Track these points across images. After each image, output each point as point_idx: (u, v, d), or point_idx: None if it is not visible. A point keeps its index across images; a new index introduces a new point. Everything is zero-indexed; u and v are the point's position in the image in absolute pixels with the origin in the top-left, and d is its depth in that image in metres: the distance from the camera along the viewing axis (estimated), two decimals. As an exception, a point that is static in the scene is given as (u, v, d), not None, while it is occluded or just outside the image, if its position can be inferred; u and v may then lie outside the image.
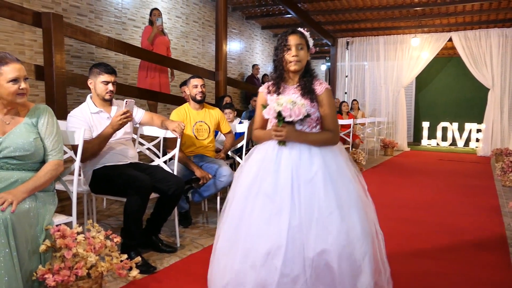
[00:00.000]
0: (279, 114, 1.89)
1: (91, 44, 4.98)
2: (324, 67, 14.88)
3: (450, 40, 9.74)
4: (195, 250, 3.04)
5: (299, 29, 2.11)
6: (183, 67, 6.17)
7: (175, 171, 3.13)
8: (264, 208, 1.86)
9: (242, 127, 4.11)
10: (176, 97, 5.97)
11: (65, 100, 3.95)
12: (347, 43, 11.16)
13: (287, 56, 2.02)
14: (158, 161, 3.19)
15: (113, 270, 2.03)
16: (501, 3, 7.99)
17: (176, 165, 3.15)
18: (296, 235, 1.78)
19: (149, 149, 3.47)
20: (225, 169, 3.54)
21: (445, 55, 11.49)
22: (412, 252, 3.09)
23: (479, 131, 10.97)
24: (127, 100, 2.79)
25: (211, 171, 3.55)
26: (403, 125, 10.64)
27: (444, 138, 11.88)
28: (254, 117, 2.29)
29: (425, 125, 12.04)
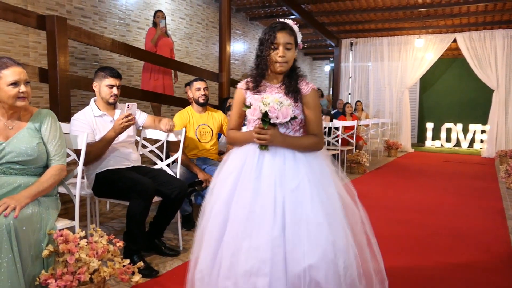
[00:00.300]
0: (265, 114, 1.73)
1: (95, 46, 4.99)
2: (328, 68, 14.86)
3: (454, 41, 9.71)
4: (198, 253, 3.04)
5: (289, 22, 1.92)
6: (187, 69, 6.18)
7: (178, 174, 3.13)
8: (245, 221, 1.70)
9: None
10: (179, 98, 5.97)
11: (69, 102, 3.96)
12: (351, 44, 11.14)
13: (273, 55, 1.84)
14: (161, 164, 3.19)
15: (115, 275, 2.03)
16: (506, 4, 7.94)
17: (179, 168, 3.15)
18: (280, 249, 1.65)
19: (152, 151, 3.49)
20: (228, 172, 3.54)
21: (449, 56, 11.45)
22: (415, 256, 3.08)
23: (483, 132, 10.93)
24: (129, 103, 2.80)
25: (214, 174, 3.54)
26: (407, 126, 10.61)
27: (448, 139, 11.84)
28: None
29: (429, 126, 12.00)
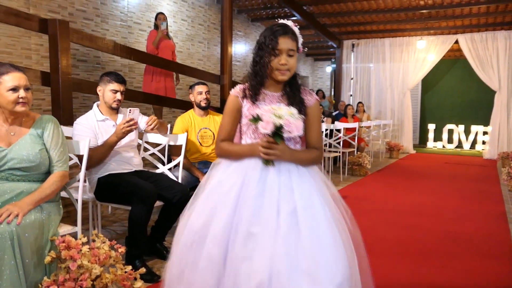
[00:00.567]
0: (279, 128, 1.59)
1: (97, 49, 5.00)
2: (329, 69, 14.85)
3: (456, 42, 9.69)
4: (200, 257, 3.04)
5: (290, 24, 1.76)
6: (188, 72, 6.19)
7: (180, 178, 3.14)
8: (245, 244, 1.54)
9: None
10: (182, 101, 5.98)
11: (71, 105, 3.97)
12: (353, 45, 11.13)
13: (274, 62, 1.70)
14: (162, 168, 3.20)
15: (117, 281, 2.04)
16: (508, 6, 7.92)
17: (181, 172, 3.16)
18: (283, 275, 1.48)
19: (154, 154, 3.50)
20: (229, 175, 3.56)
21: (451, 57, 11.43)
22: (417, 260, 3.07)
23: (485, 133, 10.91)
24: (131, 108, 2.81)
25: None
26: (408, 127, 10.61)
27: (450, 140, 11.82)
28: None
29: (431, 127, 11.99)
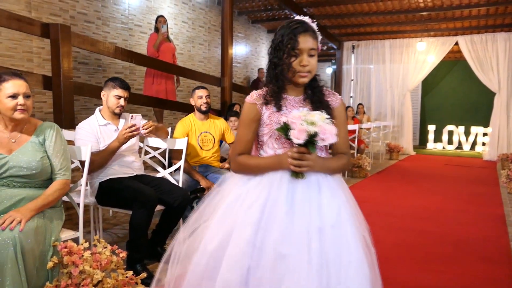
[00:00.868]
0: (312, 137, 1.42)
1: (98, 53, 5.03)
2: (330, 70, 14.89)
3: (456, 44, 9.72)
4: (200, 261, 3.07)
5: (307, 20, 1.59)
6: (189, 74, 6.22)
7: (180, 183, 3.17)
8: (274, 266, 1.39)
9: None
10: (183, 104, 6.01)
11: (72, 109, 4.01)
12: (353, 46, 11.16)
13: (295, 64, 1.53)
14: (163, 172, 3.23)
15: (119, 286, 2.06)
16: (508, 8, 7.95)
17: (181, 176, 3.19)
18: None
19: (155, 157, 3.54)
20: (229, 179, 3.59)
21: (451, 59, 11.45)
22: (415, 264, 3.10)
23: (485, 134, 10.93)
24: (133, 114, 2.84)
25: (216, 181, 3.58)
26: (408, 128, 10.64)
27: (450, 141, 11.84)
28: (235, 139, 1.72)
29: (431, 128, 12.01)
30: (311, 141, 1.43)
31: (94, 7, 6.04)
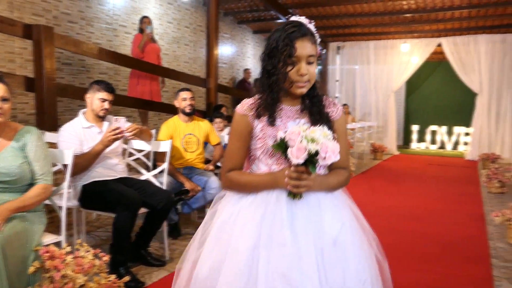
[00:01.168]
0: (313, 156, 1.27)
1: (82, 55, 4.99)
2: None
3: (439, 45, 9.86)
4: (184, 263, 3.08)
5: (306, 22, 1.42)
6: (174, 75, 6.21)
7: (165, 184, 3.18)
8: None
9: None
10: (169, 105, 6.00)
11: (55, 111, 3.98)
12: (338, 47, 11.25)
13: (292, 73, 1.37)
14: (147, 175, 3.23)
15: (101, 290, 2.07)
16: (489, 10, 8.12)
17: (165, 178, 3.20)
18: None
19: (139, 159, 3.54)
20: (214, 181, 3.61)
21: (434, 60, 11.61)
22: (398, 264, 3.15)
23: (467, 134, 11.12)
24: (117, 117, 2.84)
25: (201, 183, 3.61)
26: (392, 129, 10.77)
27: (433, 141, 12.02)
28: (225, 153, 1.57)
29: (415, 128, 12.18)
30: (311, 161, 1.28)
31: (77, 7, 5.99)
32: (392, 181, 6.82)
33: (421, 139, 12.15)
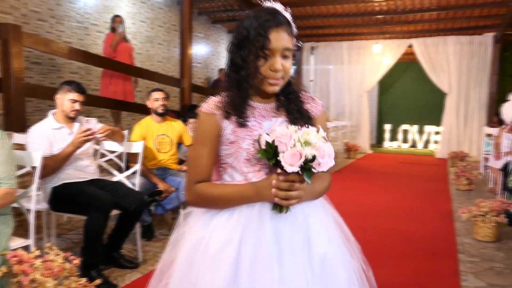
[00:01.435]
0: (308, 162, 1.09)
1: (52, 54, 4.89)
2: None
3: (410, 46, 10.08)
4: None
5: (281, 9, 1.22)
6: (147, 75, 6.15)
7: (137, 186, 3.15)
8: None
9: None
10: (142, 105, 5.93)
11: (23, 112, 3.89)
12: (312, 48, 11.35)
13: (265, 68, 1.19)
14: (119, 176, 3.20)
15: (72, 293, 2.04)
16: (457, 13, 8.37)
17: (138, 179, 3.18)
18: None
19: (111, 160, 3.50)
20: (187, 181, 3.60)
21: (405, 60, 11.85)
22: (368, 260, 3.22)
23: (437, 133, 11.42)
24: (88, 118, 2.81)
25: (174, 184, 3.59)
26: (365, 128, 10.95)
27: (405, 140, 12.30)
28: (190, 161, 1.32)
29: (387, 127, 12.42)
30: (306, 167, 1.10)
31: (47, 5, 5.86)
32: (364, 179, 6.94)
33: (393, 138, 12.41)
